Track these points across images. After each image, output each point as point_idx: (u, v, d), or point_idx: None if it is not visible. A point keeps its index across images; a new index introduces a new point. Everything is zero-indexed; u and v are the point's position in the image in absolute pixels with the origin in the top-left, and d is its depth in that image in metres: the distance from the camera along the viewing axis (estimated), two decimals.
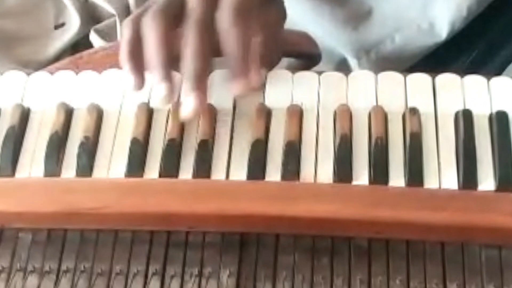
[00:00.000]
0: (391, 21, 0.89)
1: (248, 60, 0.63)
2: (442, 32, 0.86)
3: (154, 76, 0.64)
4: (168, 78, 0.64)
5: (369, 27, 0.89)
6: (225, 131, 0.65)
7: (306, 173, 0.63)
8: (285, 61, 0.71)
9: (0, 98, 0.69)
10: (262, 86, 0.67)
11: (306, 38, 0.80)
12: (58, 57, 1.10)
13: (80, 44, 1.13)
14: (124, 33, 0.66)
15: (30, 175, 0.64)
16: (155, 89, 0.65)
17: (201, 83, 0.63)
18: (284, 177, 0.62)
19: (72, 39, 1.11)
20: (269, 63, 0.68)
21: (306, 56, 0.82)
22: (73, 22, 1.11)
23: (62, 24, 1.10)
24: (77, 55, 0.84)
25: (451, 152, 0.63)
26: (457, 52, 0.89)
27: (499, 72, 0.85)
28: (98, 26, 1.11)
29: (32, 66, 1.02)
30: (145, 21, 0.64)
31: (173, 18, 0.64)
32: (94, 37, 1.11)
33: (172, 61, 0.64)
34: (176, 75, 0.65)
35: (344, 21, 0.89)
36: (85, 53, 0.83)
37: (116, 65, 0.69)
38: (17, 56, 1.04)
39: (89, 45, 1.11)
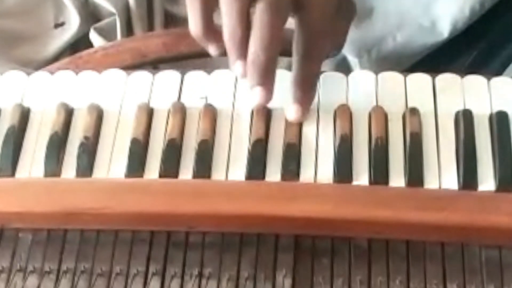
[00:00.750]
0: (393, 19, 0.88)
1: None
2: (444, 31, 0.86)
3: (230, 53, 0.63)
4: (245, 57, 0.62)
5: (370, 26, 0.89)
6: (225, 131, 0.65)
7: (306, 173, 0.63)
8: (285, 60, 0.71)
9: (0, 98, 0.69)
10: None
11: None
12: (58, 56, 1.10)
13: (80, 43, 1.13)
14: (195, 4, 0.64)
15: (30, 175, 0.64)
16: (232, 67, 0.63)
17: (268, 76, 0.62)
18: (284, 177, 0.62)
19: (72, 38, 1.11)
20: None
21: None
22: (73, 21, 1.11)
23: (62, 23, 1.10)
24: (77, 55, 0.84)
25: (451, 152, 0.63)
26: (458, 52, 0.89)
27: (499, 72, 0.84)
28: (98, 25, 1.11)
29: (32, 65, 1.01)
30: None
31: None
32: (94, 36, 1.10)
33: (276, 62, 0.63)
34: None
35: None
36: (85, 52, 0.83)
37: (115, 64, 0.69)
38: (17, 56, 1.04)
39: (89, 44, 1.11)
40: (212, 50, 0.66)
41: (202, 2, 0.64)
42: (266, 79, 0.63)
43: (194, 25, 0.65)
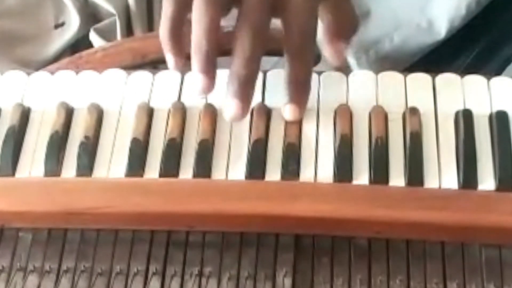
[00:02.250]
0: (390, 20, 0.88)
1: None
2: (441, 30, 0.86)
3: (194, 63, 0.63)
4: (209, 71, 0.62)
5: (367, 27, 0.89)
6: (225, 131, 0.65)
7: (306, 173, 0.63)
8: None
9: (0, 98, 0.69)
10: None
11: None
12: (58, 57, 1.09)
13: (80, 44, 1.13)
14: (167, 7, 0.64)
15: (30, 175, 0.64)
16: (193, 77, 0.63)
17: (247, 91, 0.63)
18: (284, 177, 0.62)
19: (72, 39, 1.11)
20: None
21: None
22: (73, 22, 1.11)
23: (62, 24, 1.10)
24: (77, 55, 0.84)
25: (451, 152, 0.63)
26: (457, 52, 0.89)
27: (498, 72, 0.85)
28: (98, 25, 1.11)
29: (32, 65, 1.01)
30: (197, 1, 0.62)
31: (226, 4, 0.63)
32: (93, 37, 1.10)
33: (217, 52, 0.63)
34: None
35: None
36: (85, 53, 0.83)
37: (115, 64, 0.69)
38: (17, 56, 1.04)
39: (89, 45, 1.11)
40: (170, 60, 0.65)
41: (174, 5, 0.64)
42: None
43: (161, 27, 0.65)
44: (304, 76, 0.65)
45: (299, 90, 0.65)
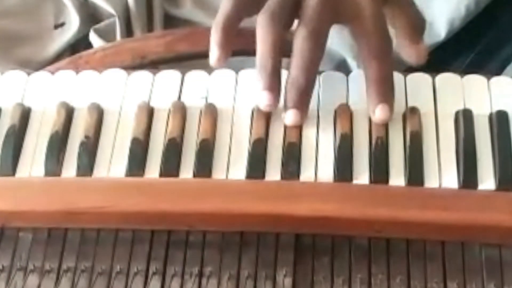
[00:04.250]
0: None
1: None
2: (441, 31, 0.86)
3: (260, 81, 0.64)
4: (275, 88, 0.64)
5: None
6: (225, 131, 0.65)
7: (306, 172, 0.63)
8: (284, 61, 0.71)
9: (0, 97, 0.69)
10: None
11: None
12: (58, 57, 1.09)
13: (79, 44, 1.13)
14: (227, 4, 0.65)
15: (30, 175, 0.64)
16: (258, 94, 0.64)
17: (304, 101, 0.64)
18: (284, 176, 0.62)
19: (72, 39, 1.11)
20: None
21: None
22: (73, 22, 1.10)
23: (62, 24, 1.10)
24: (77, 55, 0.84)
25: (451, 152, 0.63)
26: (457, 52, 0.89)
27: (499, 72, 0.85)
28: (98, 26, 1.11)
29: (32, 66, 1.01)
30: (262, 19, 0.64)
31: (289, 18, 0.65)
32: (93, 37, 1.10)
33: (280, 69, 0.64)
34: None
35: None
36: (85, 53, 0.83)
37: (115, 65, 0.69)
38: (16, 56, 1.04)
39: (89, 45, 1.11)
40: (214, 53, 0.65)
41: (234, 5, 0.65)
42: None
43: (216, 20, 0.65)
44: (390, 75, 0.65)
45: (387, 88, 0.65)
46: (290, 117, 0.64)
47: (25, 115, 0.67)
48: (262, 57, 0.64)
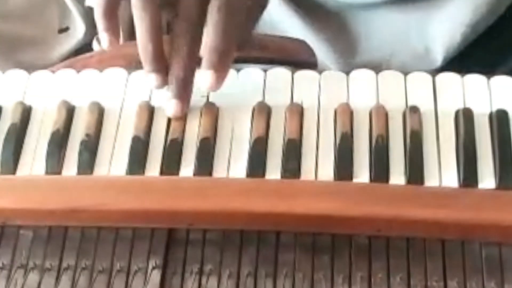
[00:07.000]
0: (386, 46, 0.89)
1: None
2: (438, 56, 0.86)
3: (144, 65, 0.65)
4: (160, 69, 0.64)
5: (365, 54, 0.90)
6: (226, 129, 0.65)
7: (307, 171, 0.63)
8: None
9: (1, 96, 0.69)
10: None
11: (303, 46, 0.80)
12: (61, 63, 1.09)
13: (84, 51, 1.13)
14: None
15: (31, 173, 0.64)
16: (146, 77, 0.65)
17: (184, 92, 0.65)
18: (284, 175, 0.62)
19: (76, 45, 1.11)
20: None
21: (303, 64, 0.82)
22: (78, 28, 1.11)
23: (67, 29, 1.10)
24: (73, 59, 0.84)
25: (452, 150, 0.63)
26: None
27: None
28: None
29: (35, 71, 1.01)
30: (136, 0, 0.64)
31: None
32: (96, 46, 1.10)
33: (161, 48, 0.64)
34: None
35: (342, 50, 0.90)
36: (82, 57, 0.83)
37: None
38: (19, 60, 1.04)
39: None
40: (105, 39, 0.66)
41: None
42: (184, 93, 0.65)
43: (96, 8, 0.66)
44: (225, 46, 0.64)
45: (217, 57, 0.64)
46: (172, 108, 0.65)
47: (26, 113, 0.67)
48: (141, 40, 0.64)
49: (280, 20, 0.90)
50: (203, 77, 0.64)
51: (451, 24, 0.85)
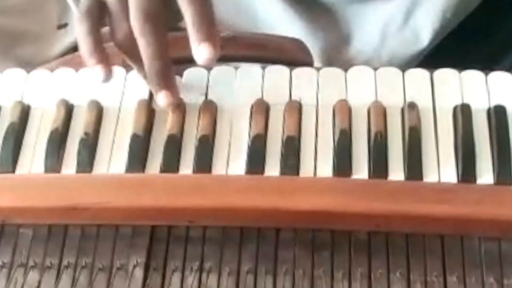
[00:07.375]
0: (377, 35, 0.89)
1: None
2: (424, 38, 0.87)
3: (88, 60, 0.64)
4: (102, 61, 0.64)
5: (356, 45, 0.90)
6: (225, 127, 0.65)
7: (306, 167, 0.63)
8: None
9: (0, 95, 0.69)
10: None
11: (299, 45, 0.80)
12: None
13: None
14: (83, 25, 0.65)
15: (30, 172, 0.65)
16: (92, 70, 0.64)
17: (167, 80, 0.64)
18: (283, 171, 0.63)
19: (74, 41, 1.11)
20: None
21: (299, 63, 0.82)
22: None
23: (65, 25, 1.10)
24: (69, 56, 0.84)
25: (450, 146, 0.63)
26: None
27: None
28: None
29: (33, 66, 1.01)
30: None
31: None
32: None
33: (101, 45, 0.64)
34: None
35: (332, 47, 0.90)
36: (76, 54, 0.83)
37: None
38: (18, 56, 1.04)
39: None
40: (103, 76, 0.64)
41: (88, 21, 0.65)
42: (168, 81, 0.64)
43: (83, 45, 0.65)
44: (208, 15, 0.63)
45: (206, 27, 0.63)
46: (162, 100, 0.64)
47: (24, 112, 0.67)
48: (80, 38, 0.64)
49: (271, 14, 0.90)
50: (200, 53, 0.62)
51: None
